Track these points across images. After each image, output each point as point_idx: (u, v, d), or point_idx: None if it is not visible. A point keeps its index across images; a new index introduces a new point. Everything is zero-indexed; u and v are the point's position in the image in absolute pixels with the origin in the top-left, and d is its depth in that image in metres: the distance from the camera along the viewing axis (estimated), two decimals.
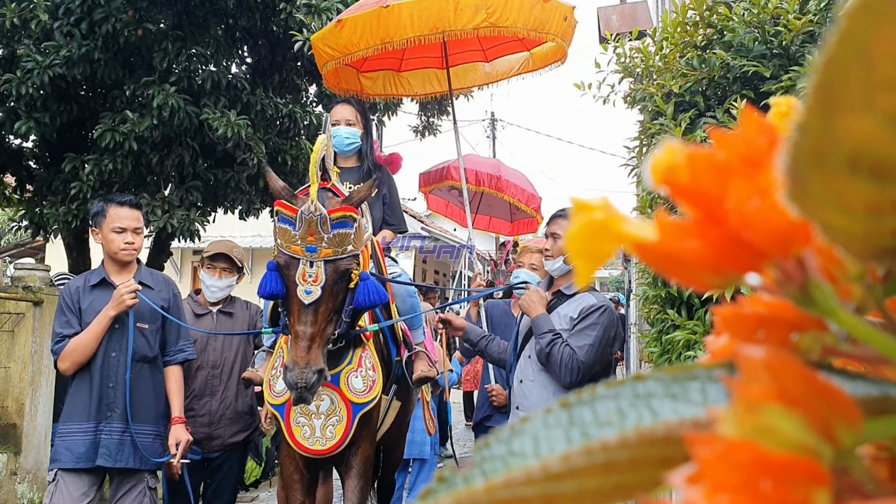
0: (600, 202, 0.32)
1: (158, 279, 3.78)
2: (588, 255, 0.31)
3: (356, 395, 3.28)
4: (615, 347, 3.29)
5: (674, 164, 0.30)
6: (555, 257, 3.37)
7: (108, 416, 3.46)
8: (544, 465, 0.29)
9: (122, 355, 3.49)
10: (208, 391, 4.11)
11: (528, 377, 3.27)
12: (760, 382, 0.26)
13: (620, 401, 0.33)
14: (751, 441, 0.25)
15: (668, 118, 2.82)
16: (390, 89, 5.50)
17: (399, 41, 4.21)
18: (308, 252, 2.85)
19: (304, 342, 2.83)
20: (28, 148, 7.11)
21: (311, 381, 2.77)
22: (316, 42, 4.47)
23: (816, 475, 0.25)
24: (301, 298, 2.85)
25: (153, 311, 3.60)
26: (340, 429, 3.25)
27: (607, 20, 5.70)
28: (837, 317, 0.31)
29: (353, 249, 2.94)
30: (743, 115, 0.31)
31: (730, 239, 0.30)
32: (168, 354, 3.71)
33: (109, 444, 3.44)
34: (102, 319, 3.45)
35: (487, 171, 7.43)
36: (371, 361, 3.36)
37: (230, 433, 4.14)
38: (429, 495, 0.34)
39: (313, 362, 2.81)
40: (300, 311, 2.86)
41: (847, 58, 0.21)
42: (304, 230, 2.84)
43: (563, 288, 3.34)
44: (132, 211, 3.64)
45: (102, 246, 3.65)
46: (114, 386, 3.48)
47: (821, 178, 0.24)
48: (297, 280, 2.86)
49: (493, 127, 22.23)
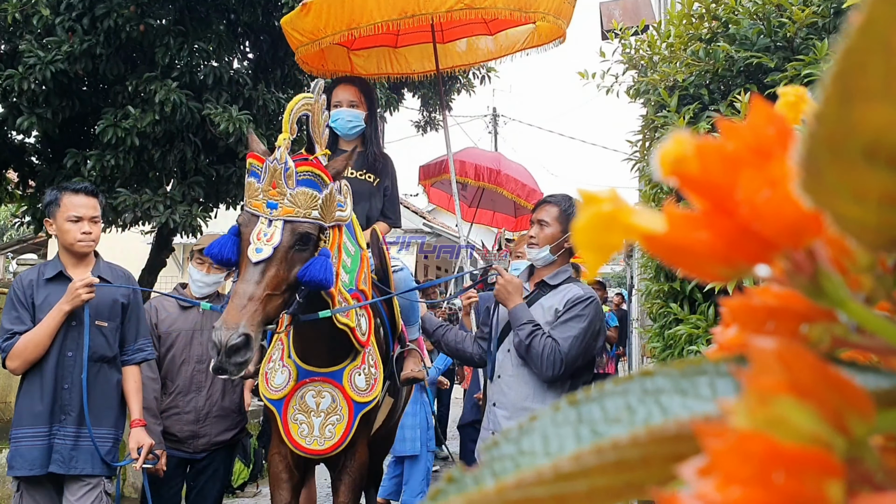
0: (608, 194, 0.31)
1: (118, 273, 3.52)
2: (597, 247, 0.31)
3: (359, 394, 3.13)
4: (600, 342, 3.13)
5: (682, 155, 0.30)
6: (540, 246, 3.14)
7: (62, 419, 3.22)
8: (555, 464, 0.29)
9: (79, 354, 3.25)
10: (194, 387, 3.87)
11: (507, 372, 3.08)
12: (772, 374, 0.26)
13: (629, 397, 0.33)
14: (763, 432, 0.25)
15: (672, 110, 2.82)
16: (385, 67, 5.09)
17: (366, 26, 3.93)
18: (269, 209, 2.63)
19: (239, 300, 2.54)
20: (30, 143, 7.11)
21: (232, 342, 2.44)
22: (285, 26, 4.21)
23: (829, 466, 0.24)
24: (250, 257, 2.60)
25: (112, 308, 3.38)
26: (340, 428, 3.09)
27: (609, 15, 5.69)
28: (848, 307, 0.30)
29: (318, 217, 2.70)
30: (752, 105, 0.31)
31: (739, 230, 0.30)
32: (126, 354, 3.47)
33: (63, 449, 3.20)
34: (56, 315, 3.21)
35: (487, 166, 7.31)
36: (374, 358, 3.23)
37: (217, 431, 3.91)
38: (438, 496, 0.34)
39: (242, 324, 2.48)
40: (246, 270, 2.61)
41: (867, 46, 0.21)
42: (267, 181, 2.63)
43: (546, 278, 3.14)
44: (88, 199, 3.36)
45: (57, 237, 3.39)
46: (69, 387, 3.24)
47: (835, 168, 0.24)
48: (252, 239, 2.63)
49: (494, 122, 22.20)
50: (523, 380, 3.01)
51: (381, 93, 7.09)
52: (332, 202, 2.77)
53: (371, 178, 3.89)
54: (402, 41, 4.99)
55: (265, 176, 2.63)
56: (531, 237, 3.18)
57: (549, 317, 3.01)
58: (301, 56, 4.33)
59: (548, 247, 3.11)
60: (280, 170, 2.61)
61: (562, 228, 3.11)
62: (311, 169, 2.67)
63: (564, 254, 3.15)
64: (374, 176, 3.90)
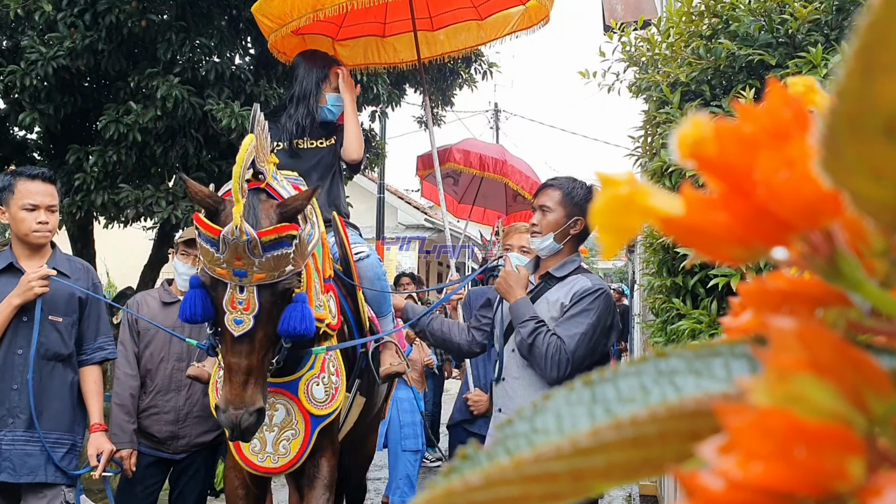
0: (626, 176, 0.32)
1: (76, 266, 3.26)
2: (614, 229, 0.31)
3: (316, 406, 2.83)
4: (612, 339, 2.84)
5: (701, 138, 0.30)
6: (543, 234, 2.86)
7: (11, 423, 2.98)
8: (573, 439, 0.29)
9: (29, 352, 3.01)
10: (174, 386, 3.64)
11: (512, 374, 2.82)
12: (792, 352, 0.26)
13: (643, 377, 0.33)
14: (784, 409, 0.25)
15: (675, 107, 2.82)
16: (372, 57, 4.85)
17: (330, 7, 3.77)
18: (237, 276, 2.36)
19: (238, 377, 2.38)
20: (32, 139, 7.12)
21: (247, 423, 2.35)
22: (255, 13, 4.04)
23: (850, 443, 0.25)
24: (230, 329, 2.38)
25: (69, 303, 3.11)
26: (296, 444, 2.81)
27: (612, 9, 5.68)
28: (865, 290, 0.31)
29: (293, 269, 2.45)
30: (769, 88, 0.31)
31: (757, 212, 0.30)
32: (85, 353, 3.22)
33: (12, 455, 2.96)
34: (4, 309, 2.96)
35: (492, 156, 7.28)
36: (335, 365, 2.93)
37: (197, 432, 3.69)
38: (453, 473, 0.34)
39: (250, 401, 2.37)
40: (232, 343, 2.40)
41: (890, 19, 0.21)
42: (229, 254, 2.33)
43: (552, 270, 2.87)
44: (46, 185, 3.09)
45: (10, 227, 3.13)
46: (18, 388, 2.99)
47: (855, 144, 0.24)
48: (226, 307, 2.38)
49: (496, 118, 22.21)
50: (529, 382, 2.77)
51: (382, 88, 7.09)
52: (303, 246, 2.51)
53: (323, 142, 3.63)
54: (389, 30, 4.80)
55: (225, 249, 2.33)
56: (533, 224, 2.91)
57: (554, 312, 2.77)
58: (273, 43, 4.14)
59: (551, 234, 2.85)
60: (242, 245, 2.30)
61: (566, 213, 2.86)
62: (277, 235, 2.36)
63: (571, 241, 2.90)
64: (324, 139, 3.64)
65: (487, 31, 4.88)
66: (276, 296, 2.43)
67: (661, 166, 2.62)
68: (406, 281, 7.52)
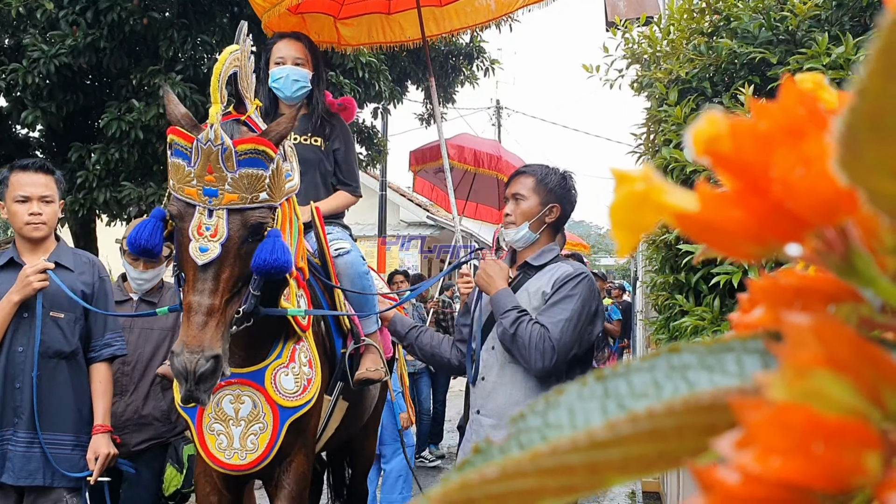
0: (641, 173, 0.32)
1: (81, 260, 3.14)
2: (630, 226, 0.31)
3: (285, 398, 2.63)
4: (598, 327, 2.72)
5: (716, 135, 0.30)
6: (517, 224, 2.73)
7: (14, 422, 2.89)
8: (589, 432, 0.29)
9: (30, 350, 2.91)
10: (117, 390, 3.36)
11: (492, 373, 2.67)
12: (809, 348, 0.26)
13: (656, 373, 0.33)
14: (802, 404, 0.25)
15: (671, 103, 2.82)
16: (377, 36, 4.56)
17: None
18: (206, 196, 2.19)
19: (197, 317, 2.17)
20: (34, 137, 7.14)
21: (202, 369, 2.11)
22: None
23: (868, 438, 0.25)
24: (194, 258, 2.19)
25: (71, 298, 2.97)
26: (264, 439, 2.60)
27: (614, 6, 5.67)
28: (878, 286, 0.31)
29: (267, 198, 2.27)
30: (783, 85, 0.31)
31: (771, 208, 0.30)
32: (93, 350, 3.09)
33: (14, 456, 2.87)
34: (4, 306, 2.87)
35: (487, 152, 7.24)
36: (308, 356, 2.72)
37: (135, 441, 3.46)
38: (466, 466, 0.34)
39: (208, 345, 2.14)
40: (195, 276, 2.21)
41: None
42: (201, 165, 2.16)
43: (530, 259, 2.75)
44: (38, 176, 2.97)
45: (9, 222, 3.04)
46: (20, 387, 2.90)
47: (875, 144, 0.24)
48: (192, 234, 2.20)
49: (498, 115, 22.21)
50: (512, 381, 2.62)
51: (384, 85, 7.09)
52: (280, 176, 2.34)
53: (318, 141, 3.44)
54: (395, 6, 4.53)
55: (197, 159, 2.17)
56: (507, 215, 2.78)
57: (536, 301, 2.64)
58: (267, 23, 3.88)
59: (526, 224, 2.73)
60: (216, 152, 2.15)
61: (540, 201, 2.74)
62: (254, 146, 2.21)
63: (547, 230, 2.80)
64: (321, 139, 3.45)
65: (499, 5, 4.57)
66: (246, 228, 2.25)
67: (663, 163, 2.62)
68: (400, 279, 7.30)
